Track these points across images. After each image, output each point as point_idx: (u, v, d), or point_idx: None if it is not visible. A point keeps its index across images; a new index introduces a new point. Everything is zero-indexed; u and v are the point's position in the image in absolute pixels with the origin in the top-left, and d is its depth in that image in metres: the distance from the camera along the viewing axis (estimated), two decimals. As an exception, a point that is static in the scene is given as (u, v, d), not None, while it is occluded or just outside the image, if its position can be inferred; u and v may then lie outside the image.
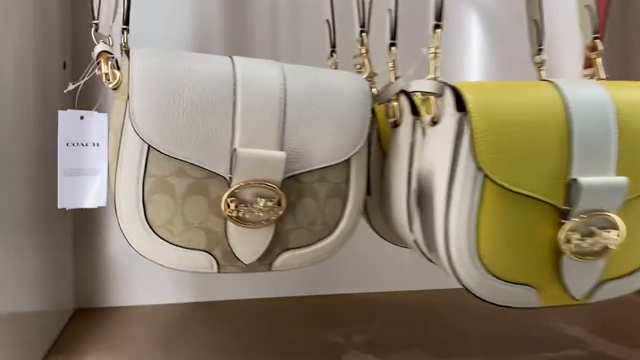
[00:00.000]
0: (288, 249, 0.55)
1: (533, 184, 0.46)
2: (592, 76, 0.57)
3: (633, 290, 0.51)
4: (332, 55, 0.66)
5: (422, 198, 0.50)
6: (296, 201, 0.54)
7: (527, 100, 0.46)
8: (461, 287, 0.49)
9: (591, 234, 0.46)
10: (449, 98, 0.47)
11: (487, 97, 0.46)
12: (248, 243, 0.53)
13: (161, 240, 0.50)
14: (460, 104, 0.46)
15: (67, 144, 0.48)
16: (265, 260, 0.55)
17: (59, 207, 0.48)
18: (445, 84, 0.48)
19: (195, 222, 0.51)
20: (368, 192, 0.58)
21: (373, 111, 0.56)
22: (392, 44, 0.57)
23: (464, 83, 0.48)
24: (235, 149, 0.49)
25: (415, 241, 0.57)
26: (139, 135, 0.47)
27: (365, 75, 0.60)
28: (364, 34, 0.60)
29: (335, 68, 0.68)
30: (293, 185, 0.53)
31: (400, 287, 0.94)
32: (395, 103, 0.57)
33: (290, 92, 0.52)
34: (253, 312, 0.85)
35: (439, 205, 0.48)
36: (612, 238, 0.47)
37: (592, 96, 0.47)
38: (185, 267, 0.52)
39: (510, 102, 0.46)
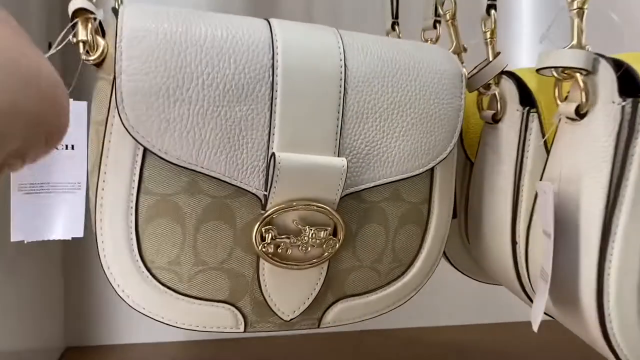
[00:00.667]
0: (345, 297, 0.39)
1: None
2: None
3: None
4: (393, 29, 0.50)
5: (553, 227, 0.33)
6: (358, 229, 0.37)
7: None
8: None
9: None
10: (607, 77, 0.31)
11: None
12: (290, 290, 0.36)
13: (163, 287, 0.34)
14: (627, 86, 0.30)
15: (24, 146, 0.32)
16: (313, 314, 0.38)
17: (11, 239, 0.32)
18: (600, 55, 0.31)
19: (213, 261, 0.35)
20: (453, 214, 0.42)
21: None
22: (490, 6, 0.40)
23: (625, 55, 0.31)
24: (273, 154, 0.33)
25: (522, 284, 0.40)
26: (130, 133, 0.31)
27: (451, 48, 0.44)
28: (451, -6, 0.43)
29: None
30: (354, 206, 0.37)
31: (460, 320, 0.76)
32: (495, 89, 0.41)
33: (353, 71, 0.35)
34: (282, 354, 0.69)
35: (587, 240, 0.31)
36: None
37: None
38: (197, 326, 0.36)
39: None
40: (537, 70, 0.34)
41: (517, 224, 0.39)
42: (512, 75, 0.40)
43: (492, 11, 0.40)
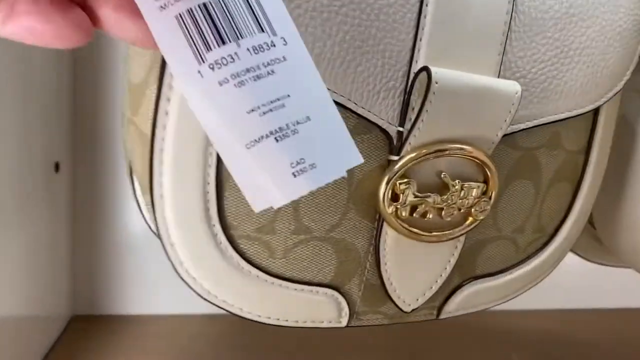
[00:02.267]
0: (474, 279, 0.28)
1: None
2: None
3: None
4: None
5: None
6: (504, 187, 0.27)
7: None
8: None
9: None
10: None
11: None
12: (417, 270, 0.26)
13: (247, 265, 0.23)
14: None
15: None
16: (433, 301, 0.28)
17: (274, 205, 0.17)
18: None
19: (319, 227, 0.23)
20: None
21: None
22: None
23: None
24: (425, 69, 0.22)
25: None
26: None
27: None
28: None
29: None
30: (505, 154, 0.26)
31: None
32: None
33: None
34: (324, 333, 0.58)
35: None
36: None
37: None
38: (287, 320, 0.25)
39: None
40: None
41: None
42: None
43: None
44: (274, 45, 0.15)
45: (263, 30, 0.15)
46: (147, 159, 0.21)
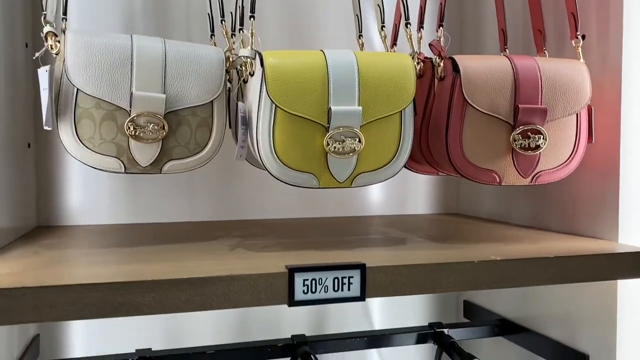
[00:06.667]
0: (172, 159, 0.86)
1: (308, 111, 0.77)
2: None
3: (381, 180, 0.83)
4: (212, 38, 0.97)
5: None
6: (176, 127, 0.84)
7: (303, 61, 0.78)
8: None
9: (343, 141, 0.78)
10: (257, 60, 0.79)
11: (277, 60, 0.78)
12: (144, 153, 0.83)
13: (86, 148, 0.81)
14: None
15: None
16: (157, 166, 0.85)
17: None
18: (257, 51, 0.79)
19: (108, 138, 0.81)
20: (229, 125, 0.89)
21: (227, 72, 0.88)
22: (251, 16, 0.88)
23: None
24: (132, 92, 0.80)
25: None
26: (71, 82, 0.77)
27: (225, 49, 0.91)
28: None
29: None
30: (174, 117, 0.84)
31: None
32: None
33: (169, 57, 0.83)
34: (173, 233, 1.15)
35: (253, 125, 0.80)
36: (357, 144, 0.78)
37: (344, 58, 0.79)
38: (102, 167, 0.82)
39: (291, 62, 0.78)
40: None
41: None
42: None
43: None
44: None
45: None
46: (54, 114, 0.80)
